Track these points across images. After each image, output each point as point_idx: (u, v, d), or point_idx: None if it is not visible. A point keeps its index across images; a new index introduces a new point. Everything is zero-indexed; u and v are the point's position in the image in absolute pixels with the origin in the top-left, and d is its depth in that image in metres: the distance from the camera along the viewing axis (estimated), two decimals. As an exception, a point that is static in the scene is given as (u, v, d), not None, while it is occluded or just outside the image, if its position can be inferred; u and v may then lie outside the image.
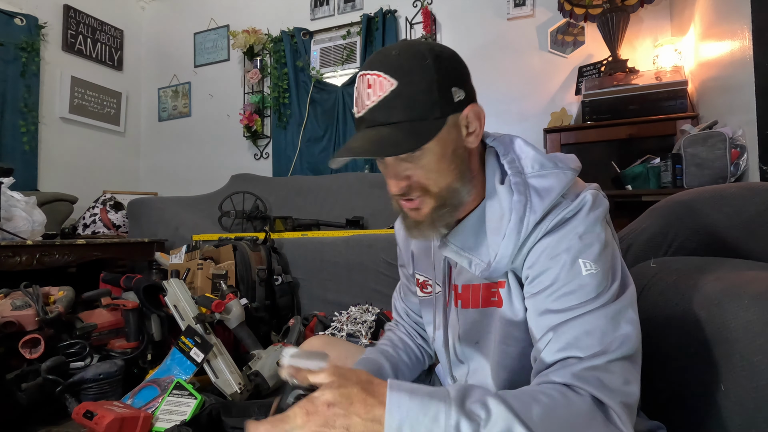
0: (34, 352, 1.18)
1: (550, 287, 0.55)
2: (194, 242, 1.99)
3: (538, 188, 0.57)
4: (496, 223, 0.60)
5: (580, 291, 0.53)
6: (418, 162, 0.58)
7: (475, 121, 0.61)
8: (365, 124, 0.58)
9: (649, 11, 2.45)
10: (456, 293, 0.69)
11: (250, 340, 1.46)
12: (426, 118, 0.56)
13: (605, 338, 0.51)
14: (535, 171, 0.59)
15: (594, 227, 0.55)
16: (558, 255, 0.54)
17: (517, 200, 0.57)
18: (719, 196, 0.86)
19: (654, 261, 0.85)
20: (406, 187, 0.60)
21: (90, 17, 3.43)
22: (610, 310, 0.52)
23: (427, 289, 0.76)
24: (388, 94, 0.56)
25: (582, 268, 0.53)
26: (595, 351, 0.50)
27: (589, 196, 0.56)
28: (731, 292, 0.58)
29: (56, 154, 3.19)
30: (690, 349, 0.62)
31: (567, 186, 0.57)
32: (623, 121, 2.15)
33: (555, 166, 0.59)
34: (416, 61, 0.56)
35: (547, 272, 0.55)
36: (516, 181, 0.59)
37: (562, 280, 0.54)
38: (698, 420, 0.60)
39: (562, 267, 0.54)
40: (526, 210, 0.56)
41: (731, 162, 1.63)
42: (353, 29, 3.15)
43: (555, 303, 0.54)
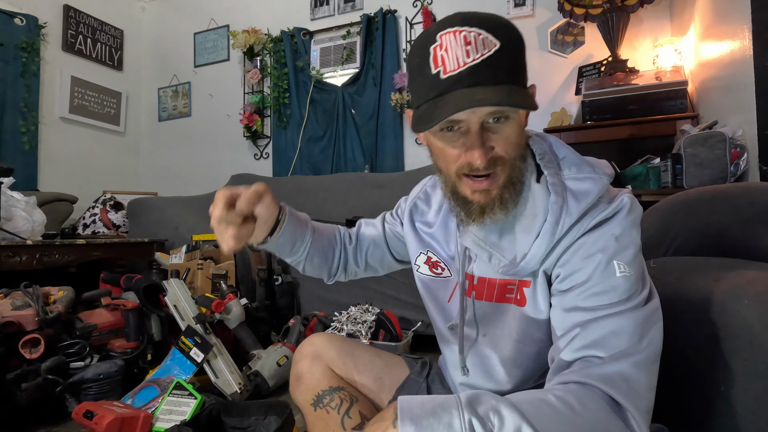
0: (34, 352, 1.18)
1: (582, 285, 0.54)
2: (194, 242, 1.99)
3: (575, 191, 0.57)
4: (528, 221, 0.59)
5: (612, 292, 0.52)
6: (504, 131, 0.56)
7: (526, 119, 0.62)
8: (464, 83, 0.53)
9: (649, 11, 2.45)
10: (471, 283, 0.68)
11: (250, 340, 1.46)
12: (524, 86, 0.57)
13: (631, 341, 0.50)
14: (572, 173, 0.59)
15: (631, 230, 0.55)
16: (593, 255, 0.54)
17: (554, 201, 0.57)
18: (719, 196, 0.86)
19: (654, 261, 0.85)
20: (491, 158, 0.56)
21: (90, 17, 3.43)
22: (639, 314, 0.52)
23: (438, 270, 0.74)
24: (493, 53, 0.53)
25: (616, 269, 0.53)
26: (618, 352, 0.49)
27: (626, 200, 0.56)
28: (731, 292, 0.58)
29: (56, 154, 3.19)
30: (690, 349, 0.62)
31: (603, 191, 0.57)
32: (623, 121, 2.14)
33: (593, 170, 0.59)
34: (511, 27, 0.56)
35: (580, 271, 0.55)
36: (553, 182, 0.58)
37: (595, 279, 0.53)
38: (698, 420, 0.60)
39: (597, 267, 0.54)
40: (563, 212, 0.56)
41: (731, 162, 1.63)
42: (353, 29, 3.15)
43: (585, 301, 0.53)
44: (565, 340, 0.53)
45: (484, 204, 0.59)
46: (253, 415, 1.04)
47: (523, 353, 0.63)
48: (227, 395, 1.24)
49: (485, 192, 0.58)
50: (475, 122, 0.55)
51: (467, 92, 0.52)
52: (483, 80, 0.53)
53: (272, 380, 1.34)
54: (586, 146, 2.25)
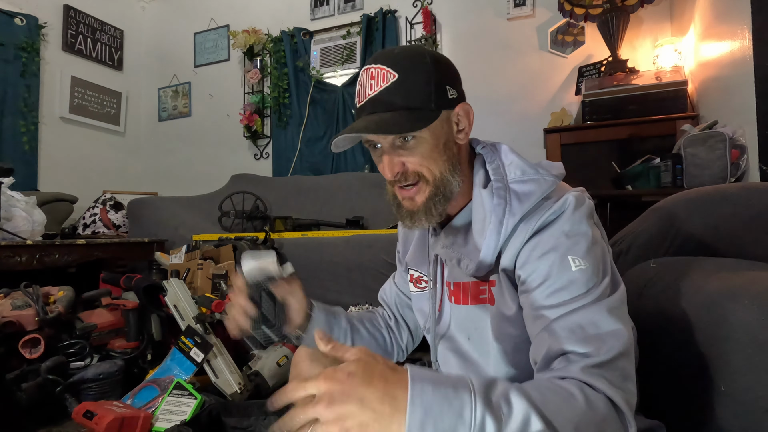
0: (34, 352, 1.18)
1: (542, 285, 0.56)
2: (194, 242, 1.99)
3: (519, 192, 0.61)
4: (479, 224, 0.64)
5: (572, 286, 0.54)
6: (413, 150, 0.63)
7: (464, 118, 0.66)
8: (366, 111, 0.63)
9: (649, 11, 2.45)
10: (450, 290, 0.72)
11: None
12: (423, 108, 0.62)
13: (601, 332, 0.51)
14: (516, 177, 0.63)
15: (579, 225, 0.58)
16: (546, 253, 0.57)
17: (497, 203, 0.61)
18: (719, 196, 0.86)
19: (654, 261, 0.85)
20: (401, 174, 0.64)
21: (90, 17, 3.43)
22: (603, 304, 0.53)
23: (421, 285, 0.80)
24: (389, 85, 0.61)
25: (571, 264, 0.55)
26: (594, 346, 0.50)
27: (571, 197, 0.59)
28: (731, 292, 0.58)
29: (56, 154, 3.19)
30: (690, 348, 0.62)
31: (547, 191, 0.60)
32: (623, 121, 2.15)
33: (536, 173, 0.62)
34: (417, 58, 0.63)
35: (537, 271, 0.57)
36: (497, 186, 0.63)
37: (553, 277, 0.55)
38: (698, 420, 0.60)
39: (552, 264, 0.56)
40: (505, 213, 0.60)
41: (731, 162, 1.63)
42: (353, 29, 3.15)
43: (548, 299, 0.55)
44: (540, 340, 0.55)
45: (411, 210, 0.67)
46: (253, 415, 1.04)
47: (502, 350, 0.65)
48: (227, 395, 1.24)
49: (411, 200, 0.67)
50: (384, 143, 0.65)
51: (365, 119, 0.63)
52: (379, 108, 0.62)
53: (272, 380, 1.34)
54: (586, 146, 2.25)
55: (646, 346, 0.67)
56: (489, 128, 2.73)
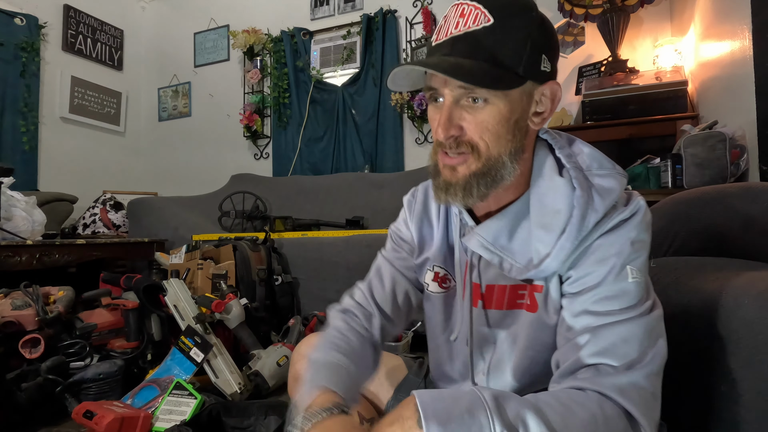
0: (34, 352, 1.18)
1: (594, 289, 0.52)
2: (194, 242, 1.99)
3: (600, 187, 0.54)
4: (548, 218, 0.55)
5: (624, 297, 0.51)
6: (478, 114, 0.53)
7: (548, 100, 0.57)
8: (442, 51, 0.54)
9: (649, 11, 2.45)
10: (476, 292, 0.64)
11: (250, 340, 1.46)
12: (509, 69, 0.52)
13: (641, 349, 0.49)
14: (595, 169, 0.57)
15: (645, 235, 0.54)
16: (608, 258, 0.52)
17: (580, 196, 0.53)
18: (720, 196, 0.86)
19: (654, 261, 0.85)
20: (455, 138, 0.54)
21: (90, 17, 3.43)
22: (647, 321, 0.51)
23: (446, 284, 0.69)
24: (480, 28, 0.52)
25: (629, 274, 0.51)
26: (630, 361, 0.48)
27: (642, 202, 0.55)
28: (732, 292, 0.58)
29: (56, 154, 3.19)
30: (690, 348, 0.62)
31: (623, 189, 0.55)
32: (623, 121, 2.14)
33: (613, 167, 0.57)
34: (522, 9, 0.53)
35: (593, 274, 0.53)
36: (577, 176, 0.55)
37: (608, 283, 0.52)
38: (698, 420, 0.60)
39: (610, 270, 0.52)
40: (589, 208, 0.53)
41: (731, 162, 1.63)
42: (353, 29, 3.15)
43: (596, 305, 0.52)
44: (574, 345, 0.51)
45: (449, 181, 0.57)
46: (253, 415, 1.04)
47: (533, 360, 0.60)
48: (227, 395, 1.24)
49: (451, 169, 0.57)
50: (448, 96, 0.54)
51: (439, 58, 0.53)
52: (459, 52, 0.52)
53: (272, 380, 1.34)
54: (586, 146, 2.25)
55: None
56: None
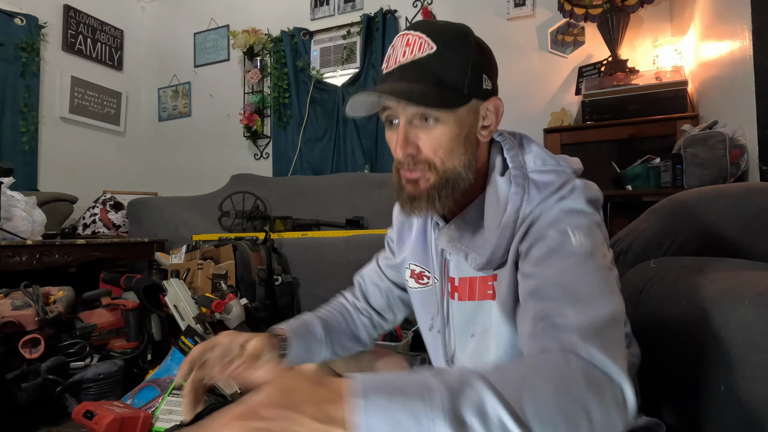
0: (34, 352, 1.18)
1: (538, 255, 0.54)
2: (194, 242, 1.99)
3: (538, 182, 0.58)
4: (493, 214, 0.61)
5: (570, 258, 0.52)
6: (431, 132, 0.59)
7: (493, 114, 0.63)
8: (393, 78, 0.59)
9: (649, 11, 2.45)
10: (453, 285, 0.69)
11: (250, 340, 1.46)
12: (454, 90, 0.58)
13: (591, 295, 0.48)
14: (536, 166, 0.60)
15: (583, 206, 0.56)
16: (547, 230, 0.55)
17: (515, 192, 0.58)
18: (720, 196, 0.86)
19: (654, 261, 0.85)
20: (411, 157, 0.60)
21: (90, 17, 3.43)
22: (598, 271, 0.51)
23: (423, 281, 0.75)
24: (425, 56, 0.57)
25: (572, 237, 0.53)
26: (582, 310, 0.47)
27: (579, 183, 0.58)
28: (731, 292, 0.58)
29: (56, 154, 3.19)
30: (690, 348, 0.62)
31: (564, 182, 0.58)
32: (623, 121, 2.14)
33: (557, 164, 0.60)
34: (460, 36, 0.59)
35: (536, 246, 0.55)
36: (516, 174, 0.60)
37: (551, 247, 0.53)
38: (698, 420, 0.60)
39: (553, 239, 0.54)
40: (523, 201, 0.58)
41: (731, 162, 1.63)
42: (353, 29, 3.15)
43: (540, 265, 0.53)
44: (527, 306, 0.53)
45: (412, 195, 0.62)
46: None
47: (507, 348, 0.62)
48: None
49: (414, 184, 0.61)
50: (402, 117, 0.59)
51: (390, 84, 0.58)
52: (409, 78, 0.57)
53: (272, 380, 1.34)
54: (586, 146, 2.25)
55: (646, 345, 0.67)
56: (489, 128, 2.74)
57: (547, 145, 2.37)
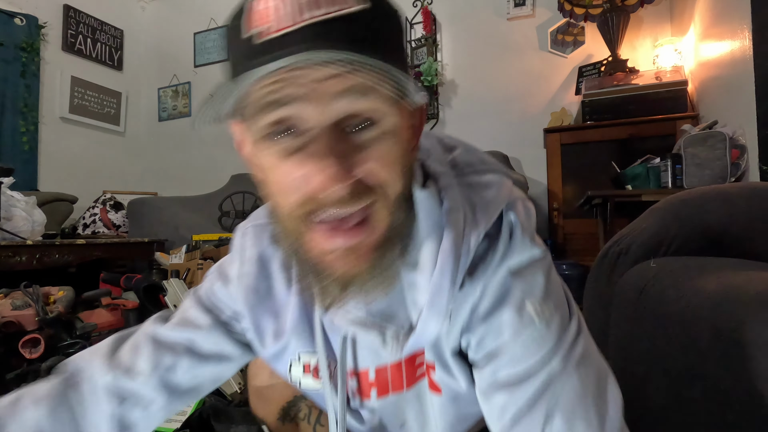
0: (34, 352, 1.18)
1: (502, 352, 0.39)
2: (194, 242, 1.99)
3: (483, 198, 0.41)
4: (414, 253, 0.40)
5: (543, 345, 0.38)
6: (374, 146, 0.35)
7: (423, 122, 0.43)
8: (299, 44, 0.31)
9: (649, 11, 2.45)
10: (365, 382, 0.48)
11: (250, 340, 1.46)
12: (404, 72, 0.34)
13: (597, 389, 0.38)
14: (475, 166, 0.44)
15: (530, 251, 0.41)
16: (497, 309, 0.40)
17: (450, 209, 0.40)
18: (720, 196, 0.86)
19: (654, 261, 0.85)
20: (355, 187, 0.34)
21: (90, 17, 3.43)
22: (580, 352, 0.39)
23: (319, 376, 0.49)
24: (354, 11, 0.32)
25: (534, 317, 0.39)
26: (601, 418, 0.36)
27: (512, 218, 0.41)
28: (731, 292, 0.58)
29: (56, 154, 3.19)
30: (690, 348, 0.62)
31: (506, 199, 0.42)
32: (623, 121, 2.15)
33: (495, 164, 0.45)
34: (392, 4, 0.36)
35: (491, 334, 0.40)
36: (447, 182, 0.41)
37: (513, 339, 0.39)
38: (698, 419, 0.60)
39: (511, 322, 0.39)
40: (466, 226, 0.39)
41: (731, 162, 1.63)
42: (353, 29, 3.14)
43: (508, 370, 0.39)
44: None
45: (352, 274, 0.37)
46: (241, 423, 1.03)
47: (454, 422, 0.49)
48: (227, 395, 1.24)
49: (353, 251, 0.36)
50: (321, 120, 0.33)
51: (295, 53, 0.31)
52: (335, 38, 0.32)
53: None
54: (586, 146, 2.25)
55: (646, 346, 0.67)
56: (488, 128, 2.74)
57: (547, 145, 2.37)
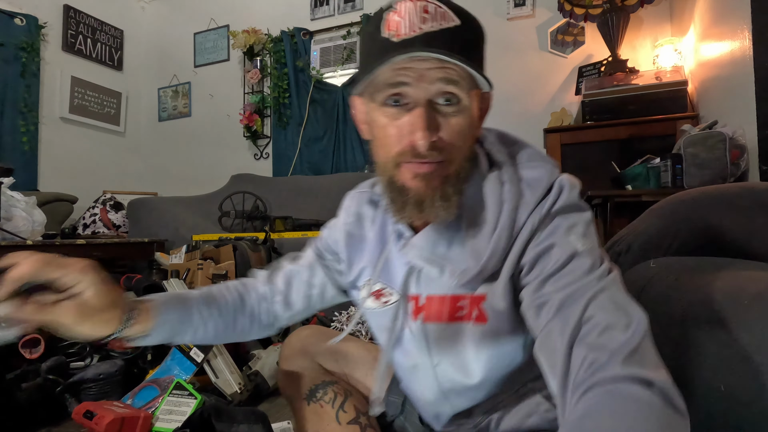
0: (34, 352, 1.19)
1: (545, 270, 0.49)
2: (194, 242, 1.99)
3: (529, 179, 0.54)
4: (480, 217, 0.54)
5: (581, 267, 0.47)
6: (452, 119, 0.51)
7: (487, 110, 0.58)
8: (417, 45, 0.47)
9: (649, 11, 2.45)
10: (416, 305, 0.59)
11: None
12: (480, 69, 0.51)
13: (622, 310, 0.44)
14: (524, 161, 0.56)
15: (578, 202, 0.52)
16: (549, 238, 0.50)
17: (509, 191, 0.53)
18: (720, 196, 0.86)
19: (654, 261, 0.85)
20: (436, 143, 0.50)
21: (90, 17, 3.44)
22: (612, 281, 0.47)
23: (383, 300, 0.63)
24: (452, 27, 0.49)
25: (576, 244, 0.49)
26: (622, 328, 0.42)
27: (565, 179, 0.54)
28: (731, 292, 0.58)
29: (56, 154, 3.19)
30: (690, 348, 0.62)
31: (553, 179, 0.54)
32: (623, 121, 2.15)
33: (543, 158, 0.57)
34: (473, 17, 0.52)
35: (544, 257, 0.50)
36: (507, 170, 0.55)
37: (558, 260, 0.48)
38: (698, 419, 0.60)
39: (558, 248, 0.49)
40: (520, 202, 0.52)
41: (731, 162, 1.63)
42: (353, 29, 3.15)
43: (553, 285, 0.48)
44: (551, 331, 0.46)
45: (424, 194, 0.51)
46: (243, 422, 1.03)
47: (494, 369, 0.57)
48: (227, 395, 1.24)
49: (426, 178, 0.51)
50: (422, 97, 0.49)
51: (425, 49, 0.48)
52: (438, 46, 0.47)
53: (272, 380, 1.34)
54: (586, 146, 2.25)
55: (646, 346, 0.67)
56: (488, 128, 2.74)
57: (547, 145, 2.37)
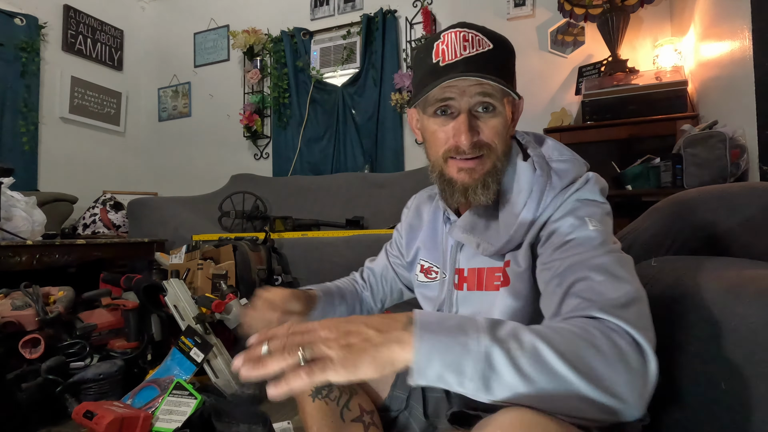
0: (34, 352, 1.18)
1: (560, 239, 0.58)
2: (194, 242, 1.99)
3: (558, 169, 0.64)
4: (514, 198, 0.65)
5: (588, 242, 0.56)
6: (488, 122, 0.64)
7: (518, 114, 0.70)
8: (459, 69, 0.61)
9: (649, 11, 2.45)
10: (461, 277, 0.72)
11: (250, 340, 1.46)
12: (510, 84, 0.64)
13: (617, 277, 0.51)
14: (555, 156, 0.66)
15: (595, 195, 0.62)
16: (566, 215, 0.60)
17: (540, 175, 0.63)
18: (720, 195, 0.86)
19: (655, 260, 0.85)
20: (476, 142, 0.64)
21: (90, 17, 3.43)
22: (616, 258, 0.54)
23: (432, 275, 0.79)
24: (486, 51, 0.62)
25: (588, 224, 0.58)
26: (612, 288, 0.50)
27: (591, 174, 0.64)
28: (732, 291, 0.58)
29: (56, 154, 3.19)
30: (691, 347, 0.62)
31: (580, 173, 0.64)
32: (623, 121, 2.14)
33: (572, 155, 0.67)
34: (504, 39, 0.66)
35: (557, 231, 0.60)
36: (538, 161, 0.65)
37: (571, 233, 0.58)
38: (698, 419, 0.60)
39: (572, 224, 0.59)
40: (547, 185, 0.62)
41: (731, 162, 1.63)
42: (353, 29, 3.15)
43: (564, 251, 0.57)
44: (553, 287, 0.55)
45: (468, 184, 0.65)
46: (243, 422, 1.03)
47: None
48: (227, 395, 1.24)
49: (470, 171, 0.65)
50: (464, 107, 0.63)
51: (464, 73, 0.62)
52: (475, 69, 0.61)
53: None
54: (586, 146, 2.25)
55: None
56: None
57: (547, 145, 2.37)
